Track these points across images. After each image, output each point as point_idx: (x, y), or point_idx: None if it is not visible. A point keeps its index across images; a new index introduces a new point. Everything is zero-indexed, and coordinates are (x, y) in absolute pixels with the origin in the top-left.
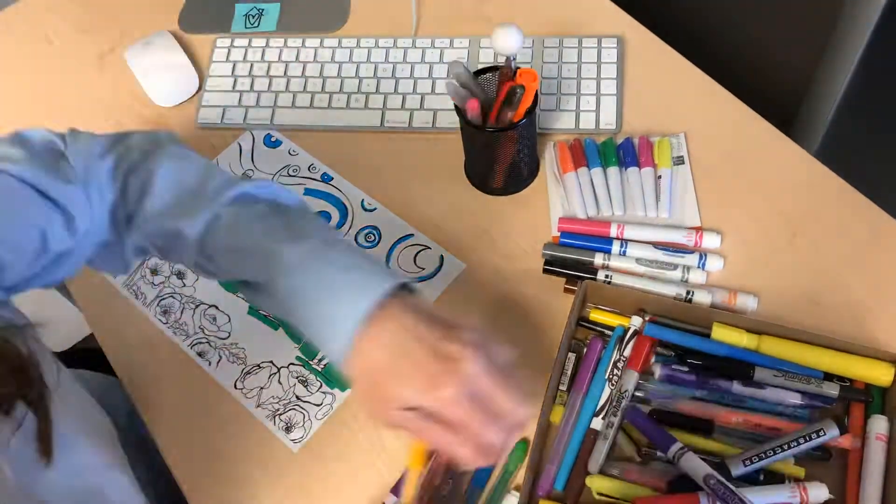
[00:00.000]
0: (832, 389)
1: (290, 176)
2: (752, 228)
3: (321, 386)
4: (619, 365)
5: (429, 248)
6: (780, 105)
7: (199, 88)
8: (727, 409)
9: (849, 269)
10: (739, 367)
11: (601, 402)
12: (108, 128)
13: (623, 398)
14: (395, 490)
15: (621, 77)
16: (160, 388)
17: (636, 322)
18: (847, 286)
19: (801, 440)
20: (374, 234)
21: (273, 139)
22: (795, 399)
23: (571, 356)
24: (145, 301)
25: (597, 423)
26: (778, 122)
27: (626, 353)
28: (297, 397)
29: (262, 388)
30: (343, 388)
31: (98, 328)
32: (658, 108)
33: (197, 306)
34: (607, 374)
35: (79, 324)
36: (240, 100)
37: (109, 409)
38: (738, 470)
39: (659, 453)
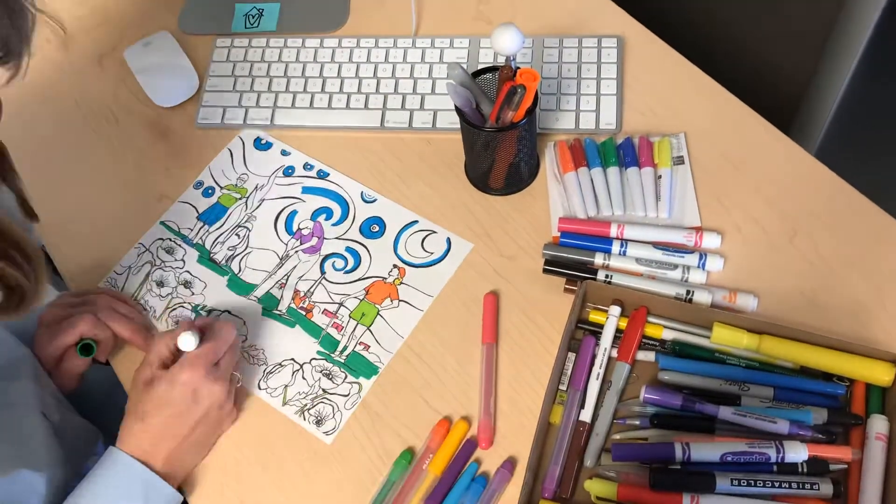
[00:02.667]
0: (820, 417)
1: (286, 176)
2: (752, 228)
3: (346, 377)
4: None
5: (435, 231)
6: (780, 105)
7: (199, 89)
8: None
9: (849, 269)
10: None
11: (591, 397)
12: (109, 128)
13: (614, 392)
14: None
15: (621, 77)
16: None
17: (615, 312)
18: (847, 286)
19: (794, 485)
20: (377, 225)
21: (263, 141)
22: (782, 429)
23: (571, 356)
24: (155, 314)
25: (585, 415)
26: (778, 122)
27: (607, 345)
28: (324, 390)
29: (286, 385)
30: (368, 376)
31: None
32: (658, 108)
33: (209, 313)
34: (597, 375)
35: None
36: (240, 100)
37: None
38: (724, 485)
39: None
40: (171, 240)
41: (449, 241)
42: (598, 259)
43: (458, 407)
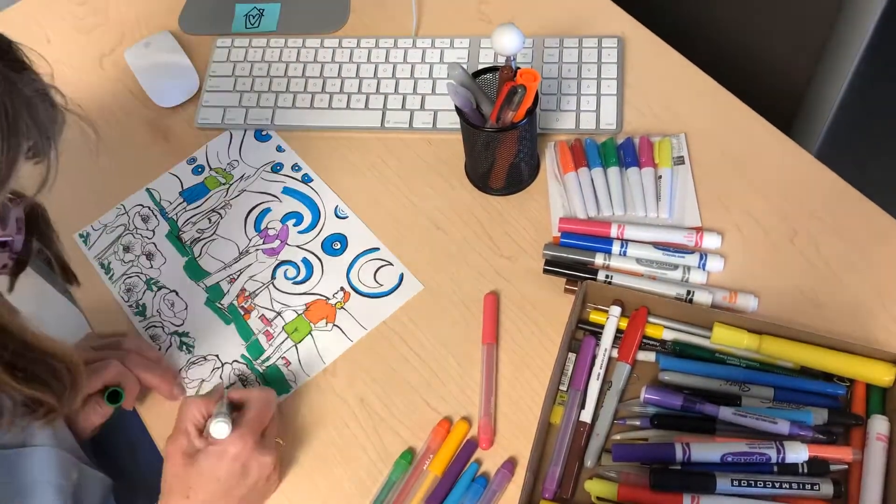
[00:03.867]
0: (820, 417)
1: (273, 172)
2: (752, 228)
3: (258, 387)
4: (606, 363)
5: (391, 264)
6: (780, 105)
7: (200, 89)
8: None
9: (849, 269)
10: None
11: (592, 398)
12: (109, 129)
13: (614, 392)
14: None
15: (622, 77)
16: None
17: (615, 312)
18: (847, 286)
19: (795, 486)
20: (339, 243)
21: (264, 133)
22: (783, 429)
23: (571, 356)
24: (112, 276)
25: (586, 416)
26: (778, 122)
27: (608, 345)
28: None
29: (203, 380)
30: (280, 393)
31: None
32: (658, 108)
33: (159, 289)
34: (598, 375)
35: (79, 324)
36: (240, 100)
37: None
38: (724, 485)
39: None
40: (149, 208)
41: (401, 277)
42: (599, 259)
43: (458, 407)
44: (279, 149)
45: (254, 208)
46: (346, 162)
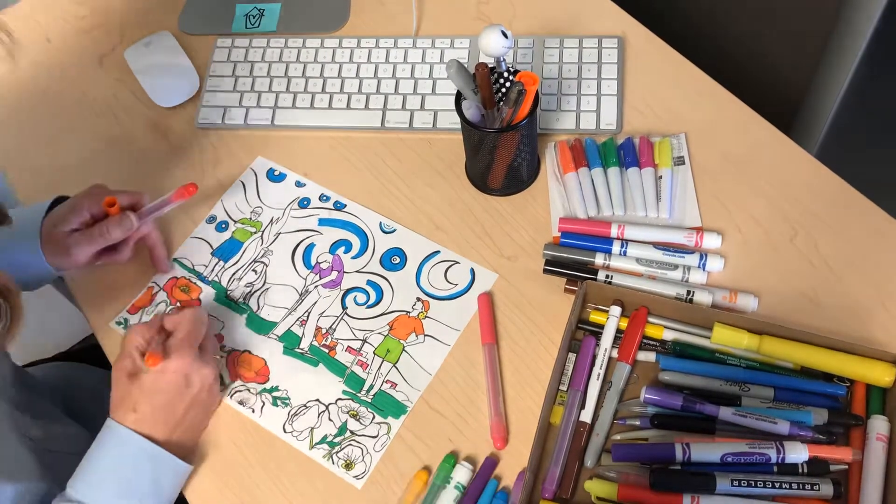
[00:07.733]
0: (820, 417)
1: (302, 208)
2: (752, 228)
3: (374, 417)
4: (606, 363)
5: (458, 262)
6: (780, 105)
7: (200, 89)
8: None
9: (849, 269)
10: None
11: (592, 398)
12: (109, 128)
13: (614, 392)
14: None
15: (622, 77)
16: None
17: (615, 312)
18: (847, 286)
19: (795, 486)
20: (398, 256)
21: (276, 173)
22: (783, 430)
23: (571, 356)
24: None
25: (586, 416)
26: (778, 122)
27: (608, 345)
28: (352, 432)
29: (312, 428)
30: (397, 416)
31: None
32: (659, 109)
33: (229, 353)
34: (598, 375)
35: (79, 323)
36: (240, 100)
37: None
38: (724, 485)
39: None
40: (185, 277)
41: (473, 272)
42: (599, 259)
43: (458, 407)
44: (298, 184)
45: (297, 247)
46: (346, 162)
